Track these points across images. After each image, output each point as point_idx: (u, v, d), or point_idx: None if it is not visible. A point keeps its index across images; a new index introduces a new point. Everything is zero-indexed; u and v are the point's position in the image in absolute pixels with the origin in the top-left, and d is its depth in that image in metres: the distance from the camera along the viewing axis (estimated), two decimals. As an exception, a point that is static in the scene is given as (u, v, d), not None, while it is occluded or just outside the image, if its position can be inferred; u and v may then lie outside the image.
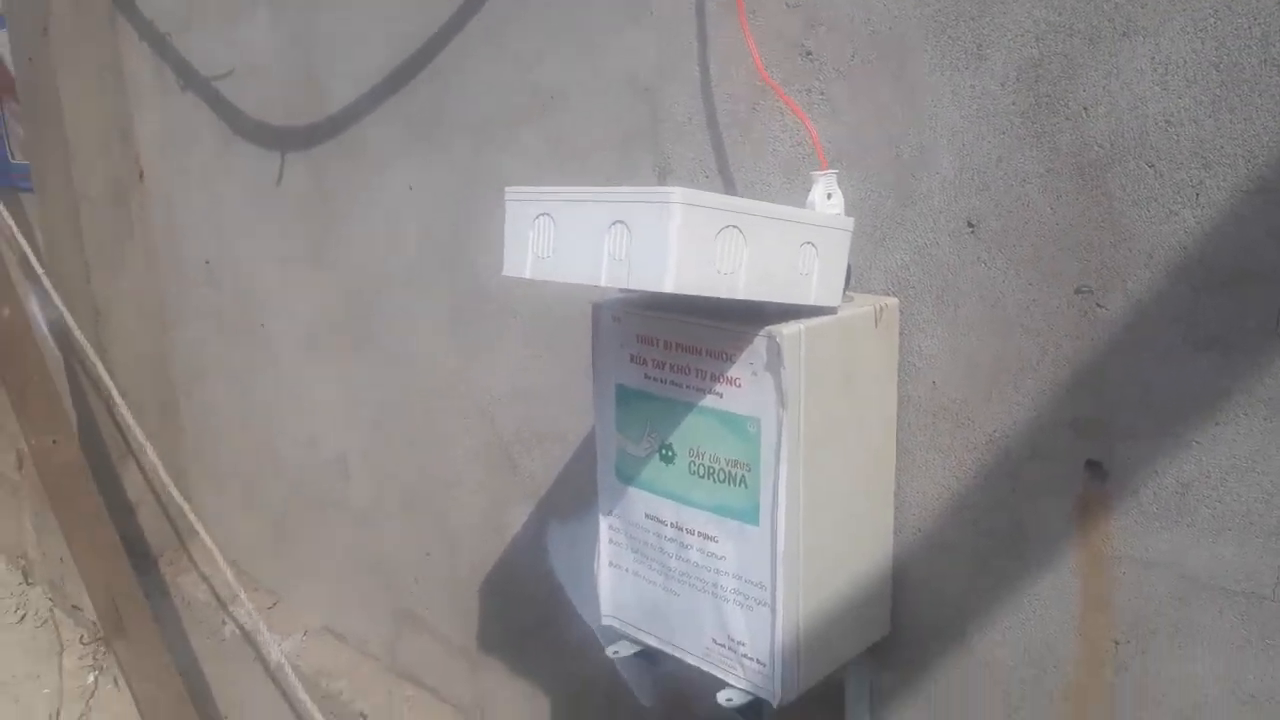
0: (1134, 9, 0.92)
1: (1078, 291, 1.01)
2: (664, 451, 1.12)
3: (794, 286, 0.99)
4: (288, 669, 2.01)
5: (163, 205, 2.44)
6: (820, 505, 1.06)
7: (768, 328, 0.99)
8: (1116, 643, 1.05)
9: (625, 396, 1.16)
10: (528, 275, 1.01)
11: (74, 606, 3.28)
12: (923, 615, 1.20)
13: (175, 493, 2.43)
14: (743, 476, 1.05)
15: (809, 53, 1.16)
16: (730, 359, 1.03)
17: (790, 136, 1.20)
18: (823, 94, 1.16)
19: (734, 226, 0.92)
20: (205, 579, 2.57)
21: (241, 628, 2.35)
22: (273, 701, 2.23)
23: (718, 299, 0.94)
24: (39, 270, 2.24)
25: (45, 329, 2.38)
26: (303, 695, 1.91)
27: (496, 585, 1.82)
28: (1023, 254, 1.03)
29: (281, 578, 2.45)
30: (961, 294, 1.09)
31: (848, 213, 1.12)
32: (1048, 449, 1.06)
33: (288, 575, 2.42)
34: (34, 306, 2.35)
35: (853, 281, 1.14)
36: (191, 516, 2.39)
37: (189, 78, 2.19)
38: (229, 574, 2.27)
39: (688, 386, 1.08)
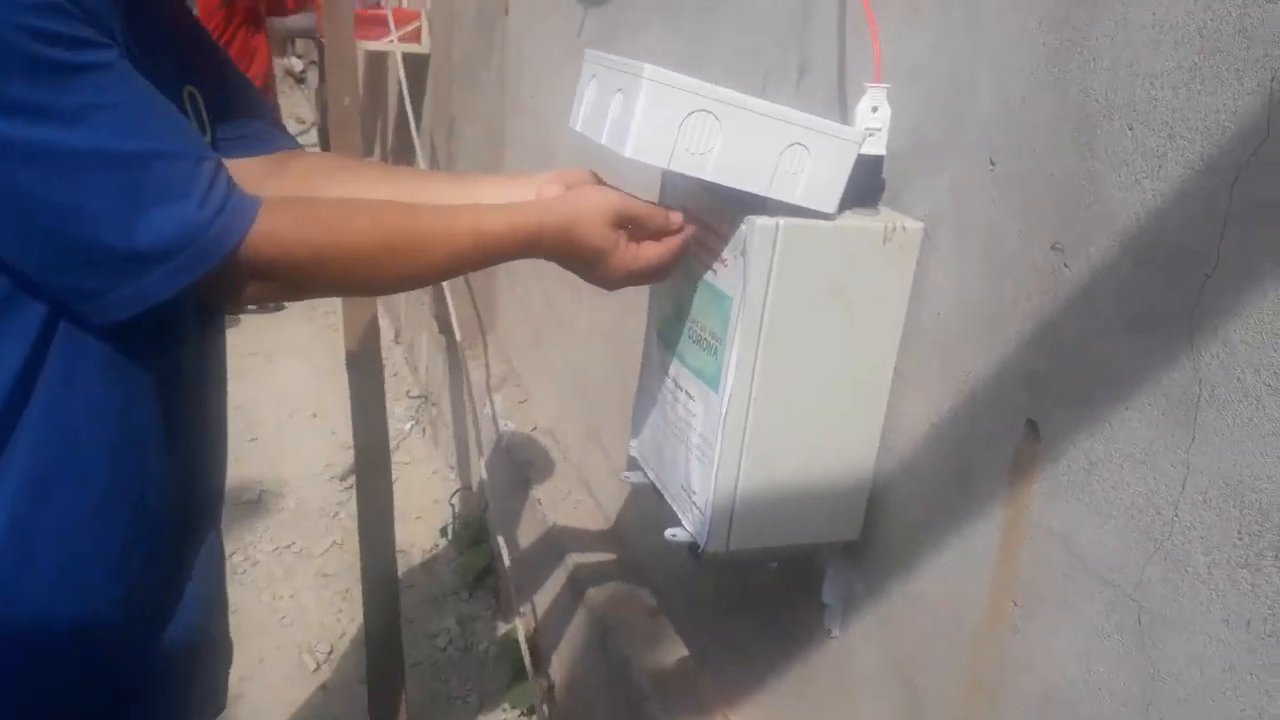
0: (1151, -41, 0.87)
1: (1053, 248, 0.99)
2: (679, 315, 1.26)
3: (775, 182, 1.07)
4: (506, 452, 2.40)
5: (515, 38, 2.82)
6: (777, 390, 1.14)
7: (750, 216, 1.09)
8: (1014, 603, 1.05)
9: (672, 259, 1.30)
10: (579, 129, 1.18)
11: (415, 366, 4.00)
12: (890, 533, 1.25)
13: (475, 298, 2.90)
14: (716, 347, 1.17)
15: (913, -32, 1.17)
16: (725, 239, 1.14)
17: (889, 48, 1.22)
18: (915, 9, 1.17)
19: (707, 111, 1.02)
20: (486, 367, 3.05)
21: (494, 412, 2.79)
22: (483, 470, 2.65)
23: (742, 191, 1.06)
24: (401, 79, 2.70)
25: (414, 129, 2.87)
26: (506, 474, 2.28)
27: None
28: (1022, 200, 1.02)
29: (534, 379, 2.86)
30: (973, 230, 1.09)
31: (896, 128, 1.15)
32: (1002, 399, 1.06)
33: (539, 378, 2.82)
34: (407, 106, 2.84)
35: (884, 196, 1.18)
36: (483, 320, 2.85)
37: (544, -69, 2.50)
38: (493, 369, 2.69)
39: (700, 261, 1.20)
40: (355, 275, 0.96)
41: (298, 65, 9.25)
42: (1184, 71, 0.84)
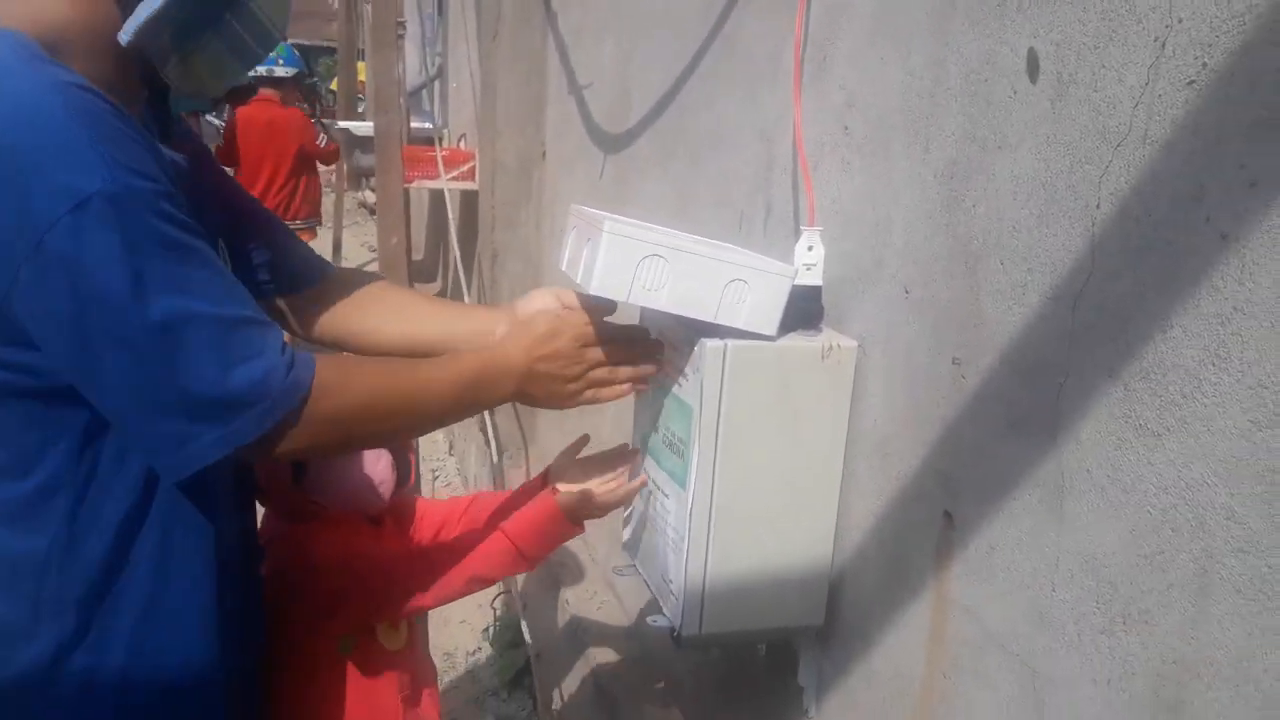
0: (1005, 130, 1.06)
1: (953, 362, 1.15)
2: (654, 423, 1.44)
3: (720, 311, 1.25)
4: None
5: (551, 180, 3.10)
6: (736, 488, 1.31)
7: (703, 338, 1.27)
8: (944, 675, 1.19)
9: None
10: (564, 269, 1.39)
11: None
12: (848, 617, 1.39)
13: (519, 416, 3.12)
14: (683, 449, 1.34)
15: (846, 128, 1.38)
16: (685, 357, 1.32)
17: (829, 194, 1.42)
18: (848, 163, 1.37)
19: (658, 255, 1.22)
20: (526, 474, 3.24)
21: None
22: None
23: (702, 321, 1.25)
24: (450, 217, 2.98)
25: (457, 260, 3.15)
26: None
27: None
28: (929, 322, 1.20)
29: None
30: (895, 348, 1.26)
31: (834, 261, 1.34)
32: (925, 493, 1.21)
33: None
34: (451, 241, 3.12)
35: (829, 319, 1.36)
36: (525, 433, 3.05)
37: (571, 85, 2.79)
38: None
39: (669, 376, 1.39)
40: (385, 419, 1.11)
41: (371, 198, 9.82)
42: (1034, 218, 1.02)
